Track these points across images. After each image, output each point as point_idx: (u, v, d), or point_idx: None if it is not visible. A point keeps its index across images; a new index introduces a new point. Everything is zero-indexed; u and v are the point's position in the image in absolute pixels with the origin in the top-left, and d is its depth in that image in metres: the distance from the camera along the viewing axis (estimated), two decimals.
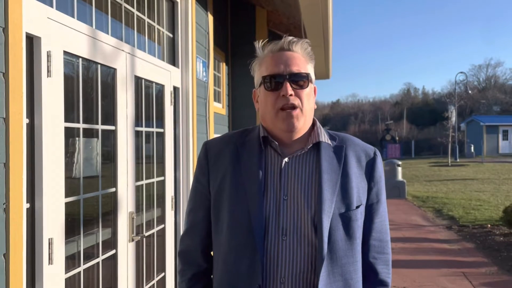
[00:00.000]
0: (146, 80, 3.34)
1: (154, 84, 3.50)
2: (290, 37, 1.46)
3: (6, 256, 1.77)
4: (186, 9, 4.04)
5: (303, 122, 1.43)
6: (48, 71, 2.15)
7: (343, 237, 1.40)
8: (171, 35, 3.96)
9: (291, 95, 1.39)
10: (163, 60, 3.80)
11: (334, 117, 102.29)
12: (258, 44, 1.49)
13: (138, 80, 3.20)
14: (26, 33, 2.00)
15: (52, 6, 2.29)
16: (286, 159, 1.43)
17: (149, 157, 3.43)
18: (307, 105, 1.43)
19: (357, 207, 1.43)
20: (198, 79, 4.25)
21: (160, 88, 3.62)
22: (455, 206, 11.28)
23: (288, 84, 1.39)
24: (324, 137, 1.47)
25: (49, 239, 2.15)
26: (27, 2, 2.00)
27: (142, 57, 3.23)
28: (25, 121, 1.96)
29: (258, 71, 1.48)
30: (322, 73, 10.14)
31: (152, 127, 3.48)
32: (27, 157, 2.06)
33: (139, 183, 3.21)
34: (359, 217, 1.44)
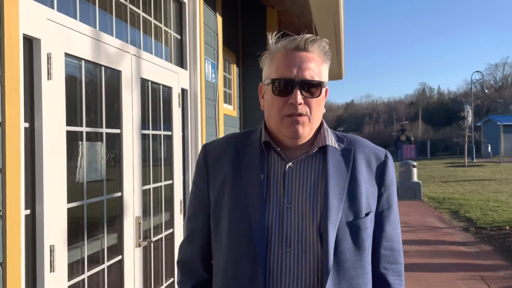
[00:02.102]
0: (153, 82, 3.28)
1: (161, 86, 3.44)
2: (308, 35, 1.33)
3: (3, 265, 1.71)
4: (194, 10, 3.98)
5: (309, 130, 1.34)
6: (49, 73, 2.10)
7: (351, 248, 1.30)
8: (179, 37, 3.91)
9: (300, 103, 1.29)
10: (171, 62, 3.74)
11: (348, 118, 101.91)
12: (271, 38, 1.38)
13: (144, 82, 3.15)
14: (24, 34, 1.95)
15: (53, 8, 2.24)
16: (290, 164, 1.34)
17: (156, 160, 3.37)
18: (315, 113, 1.33)
19: (366, 214, 1.33)
20: (207, 81, 4.18)
21: (168, 90, 3.56)
22: (472, 208, 11.06)
23: (298, 92, 1.29)
24: (331, 140, 1.38)
25: (50, 246, 2.09)
26: (25, 3, 1.94)
27: (149, 59, 3.17)
28: (23, 125, 1.91)
29: (268, 67, 1.37)
30: (335, 74, 10.02)
31: (160, 130, 3.42)
32: (26, 162, 2.01)
33: (146, 187, 3.15)
34: (368, 225, 1.34)
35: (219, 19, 4.58)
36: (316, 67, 1.33)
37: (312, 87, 1.32)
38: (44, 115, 2.07)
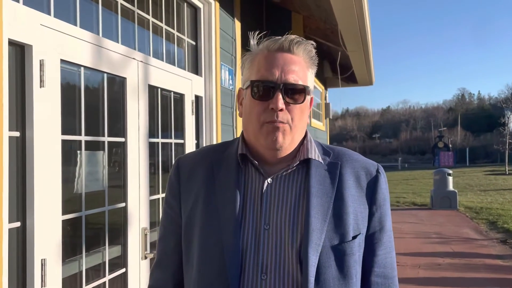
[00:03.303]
0: (163, 89, 3.19)
1: (172, 93, 3.35)
2: (293, 36, 1.21)
3: None
4: (209, 15, 3.89)
5: (290, 140, 1.19)
6: (41, 80, 2.03)
7: (335, 276, 1.14)
8: (193, 43, 3.82)
9: (281, 110, 1.15)
10: (185, 68, 3.65)
11: (384, 124, 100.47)
12: (253, 38, 1.24)
13: (153, 89, 3.06)
14: (12, 40, 1.89)
15: (49, 14, 2.18)
16: (268, 180, 1.19)
17: (166, 169, 3.28)
18: (298, 122, 1.18)
19: (354, 237, 1.17)
20: (223, 87, 4.08)
21: (180, 98, 3.47)
22: (511, 218, 10.55)
23: (280, 96, 1.15)
24: (314, 153, 1.23)
25: (41, 259, 2.01)
26: (12, 7, 1.88)
27: (158, 65, 3.09)
28: (9, 134, 1.84)
29: (248, 70, 1.24)
30: (365, 79, 9.77)
31: (170, 138, 3.33)
32: (17, 173, 1.94)
33: (154, 197, 3.06)
34: (356, 250, 1.17)
35: (237, 24, 4.48)
36: (301, 71, 1.19)
37: (295, 92, 1.17)
38: (36, 124, 2.00)
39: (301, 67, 1.20)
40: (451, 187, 12.86)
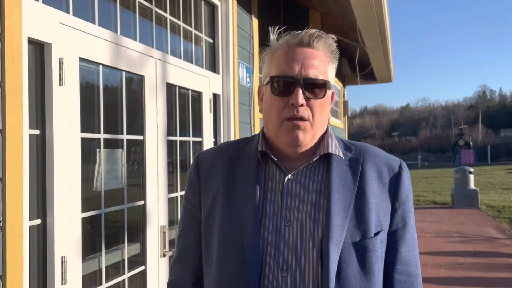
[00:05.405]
0: (180, 87, 3.19)
1: (190, 91, 3.35)
2: (313, 30, 1.19)
3: (3, 278, 1.65)
4: (226, 13, 3.88)
5: (311, 136, 1.17)
6: (60, 79, 2.04)
7: (357, 273, 1.11)
8: (211, 41, 3.81)
9: (301, 105, 1.14)
10: (203, 66, 3.65)
11: (403, 122, 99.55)
12: (273, 33, 1.22)
13: (171, 87, 3.06)
14: (32, 38, 1.89)
15: (68, 12, 2.19)
16: (289, 176, 1.18)
17: (184, 167, 3.28)
18: (319, 118, 1.17)
19: (376, 234, 1.15)
20: (241, 85, 4.06)
21: (198, 96, 3.47)
22: None
23: (300, 92, 1.13)
24: (335, 148, 1.21)
25: (61, 257, 2.02)
26: (31, 6, 1.89)
27: (176, 63, 3.08)
28: (28, 132, 1.85)
29: (268, 65, 1.22)
30: (384, 76, 9.67)
31: (189, 136, 3.33)
32: (37, 171, 1.96)
33: (173, 195, 3.06)
34: (378, 246, 1.15)
35: (255, 21, 4.46)
36: (321, 65, 1.18)
37: (316, 87, 1.16)
38: (55, 122, 2.01)
39: (321, 61, 1.18)
40: (472, 185, 12.65)
